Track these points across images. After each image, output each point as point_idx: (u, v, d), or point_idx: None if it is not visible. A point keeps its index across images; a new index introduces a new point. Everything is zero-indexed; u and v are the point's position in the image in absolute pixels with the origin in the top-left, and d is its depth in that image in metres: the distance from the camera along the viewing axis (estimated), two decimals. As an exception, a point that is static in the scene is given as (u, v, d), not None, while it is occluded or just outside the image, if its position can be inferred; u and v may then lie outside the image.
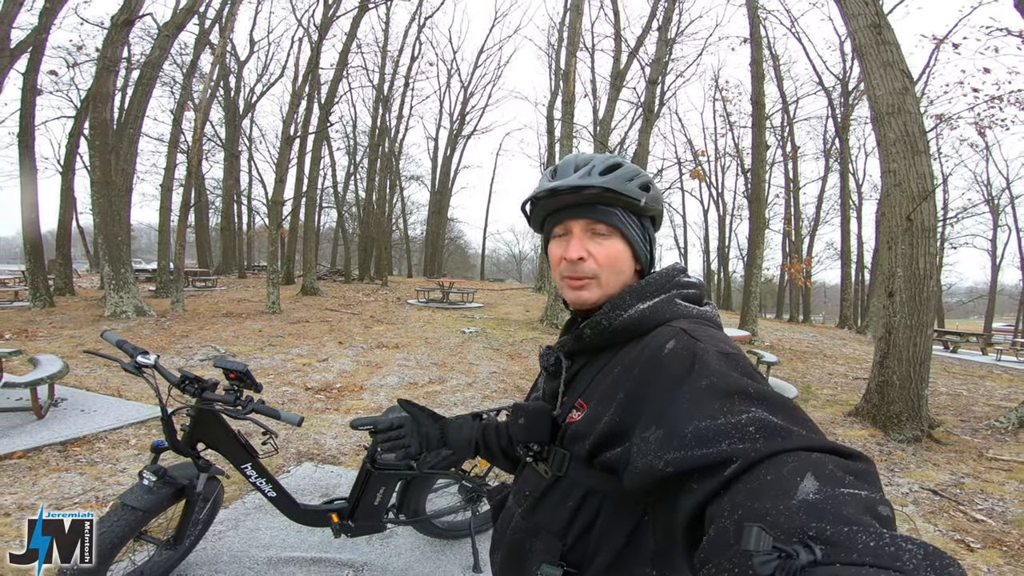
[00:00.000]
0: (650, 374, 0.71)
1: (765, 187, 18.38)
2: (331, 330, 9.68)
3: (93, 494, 3.03)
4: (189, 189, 13.60)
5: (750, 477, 0.51)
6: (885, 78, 5.33)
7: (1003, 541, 3.11)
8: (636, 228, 0.86)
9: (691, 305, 0.82)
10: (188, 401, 1.98)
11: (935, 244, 5.22)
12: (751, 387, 0.61)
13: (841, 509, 0.42)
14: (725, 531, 0.46)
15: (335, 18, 14.65)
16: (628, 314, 0.80)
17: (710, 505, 0.52)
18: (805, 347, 12.42)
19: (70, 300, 12.42)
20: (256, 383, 1.95)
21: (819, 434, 0.56)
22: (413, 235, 36.56)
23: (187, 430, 1.97)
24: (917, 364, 5.07)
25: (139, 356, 1.92)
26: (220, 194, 25.46)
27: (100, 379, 5.50)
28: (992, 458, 4.58)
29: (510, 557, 0.87)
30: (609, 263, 0.84)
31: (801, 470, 0.47)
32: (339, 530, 2.27)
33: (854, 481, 0.46)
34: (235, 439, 2.07)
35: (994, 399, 7.38)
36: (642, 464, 0.62)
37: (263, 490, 2.13)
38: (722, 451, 0.54)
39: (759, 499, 0.46)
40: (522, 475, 0.95)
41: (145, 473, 1.89)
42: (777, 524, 0.42)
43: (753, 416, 0.56)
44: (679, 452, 0.58)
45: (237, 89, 23.64)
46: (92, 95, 10.42)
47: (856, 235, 24.26)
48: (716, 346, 0.69)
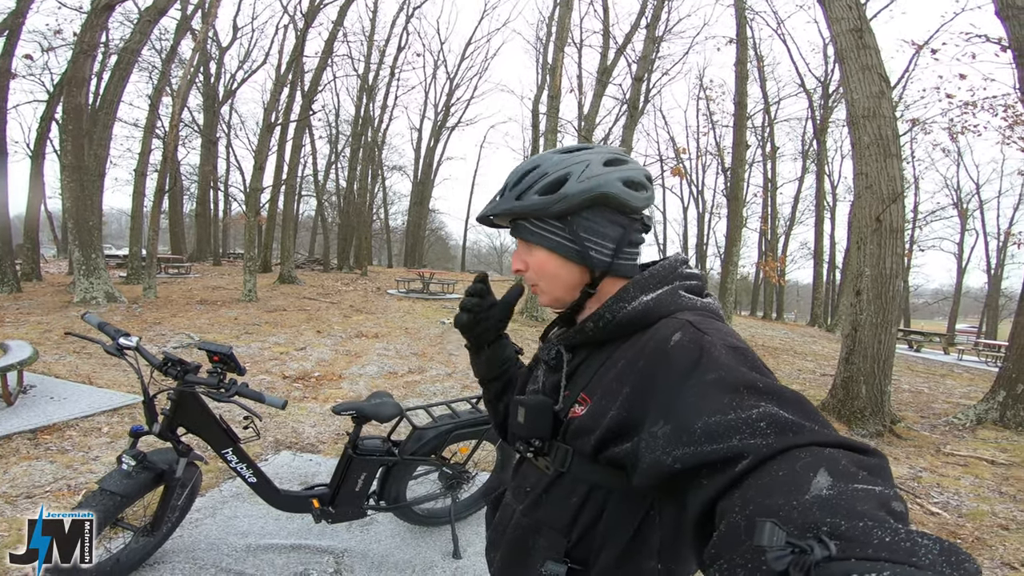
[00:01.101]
0: (656, 367, 0.69)
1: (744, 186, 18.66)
2: (309, 319, 9.59)
3: (64, 482, 2.98)
4: (164, 175, 13.22)
5: (762, 473, 0.50)
6: (863, 82, 5.48)
7: (957, 534, 3.25)
8: (555, 232, 0.82)
9: (695, 297, 0.81)
10: (171, 384, 1.96)
11: (903, 245, 5.41)
12: (760, 381, 0.60)
13: (855, 504, 0.41)
14: (736, 527, 0.46)
15: (322, 6, 14.39)
16: (632, 306, 0.78)
17: (721, 500, 0.52)
18: (777, 344, 12.73)
19: (37, 286, 12.05)
20: (240, 366, 1.95)
21: (830, 429, 0.55)
22: (394, 225, 36.30)
23: (168, 414, 1.95)
24: (881, 361, 5.26)
25: (121, 338, 1.90)
26: (196, 180, 24.86)
27: (70, 366, 5.38)
28: (949, 453, 4.77)
29: (512, 555, 0.86)
30: (539, 273, 0.85)
31: (814, 466, 0.47)
32: (320, 516, 2.28)
33: (867, 476, 0.46)
34: (217, 424, 2.06)
35: (954, 397, 7.68)
36: (650, 460, 0.61)
37: (244, 476, 2.13)
38: (733, 447, 0.54)
39: (771, 495, 0.46)
40: (520, 471, 0.92)
41: (124, 457, 1.88)
42: (790, 519, 0.42)
43: (764, 411, 0.55)
44: (688, 448, 0.57)
45: (218, 75, 23.10)
46: (67, 79, 10.10)
47: (829, 235, 24.89)
48: (723, 339, 0.68)
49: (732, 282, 13.00)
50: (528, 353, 1.08)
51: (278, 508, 2.25)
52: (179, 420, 1.98)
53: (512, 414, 0.90)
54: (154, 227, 11.74)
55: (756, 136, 23.39)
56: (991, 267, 25.59)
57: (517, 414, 0.87)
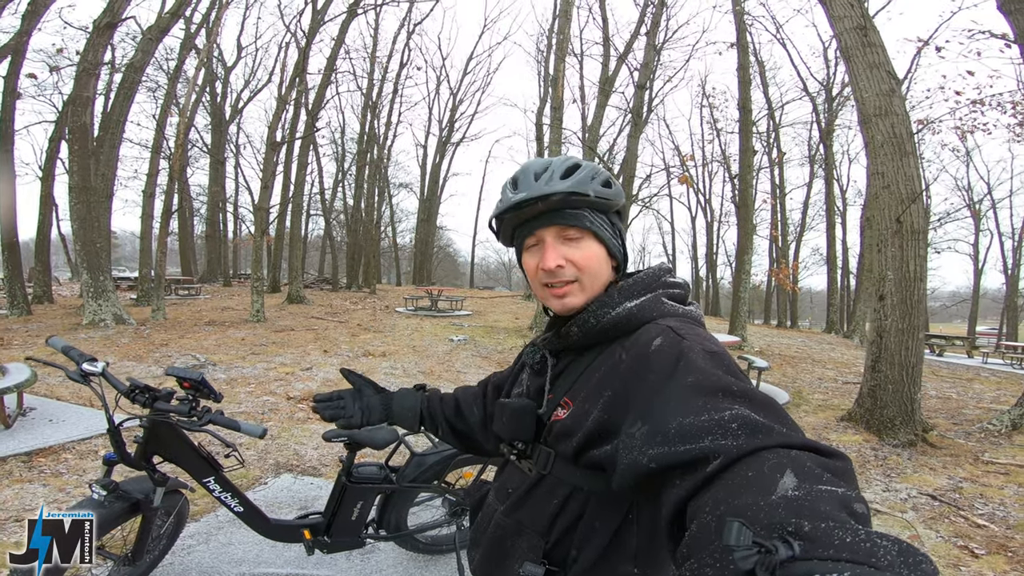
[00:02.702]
0: (637, 371, 0.71)
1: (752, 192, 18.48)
2: (316, 338, 9.50)
3: (56, 506, 2.87)
4: (171, 195, 13.36)
5: (731, 473, 0.51)
6: (872, 80, 5.34)
7: (1007, 547, 3.04)
8: (606, 226, 0.86)
9: (677, 304, 0.83)
10: (141, 412, 1.84)
11: (925, 246, 5.21)
12: (735, 385, 0.61)
13: (819, 505, 0.42)
14: (707, 526, 0.46)
15: (323, 23, 14.55)
16: (616, 312, 0.80)
17: (692, 500, 0.52)
18: (794, 352, 12.43)
19: (48, 308, 12.11)
20: (215, 393, 1.82)
21: (799, 432, 0.56)
22: (402, 243, 36.42)
23: (140, 442, 1.84)
24: (910, 367, 5.03)
25: (85, 363, 1.79)
26: (205, 201, 25.14)
27: (72, 388, 5.29)
28: (988, 462, 4.52)
29: (491, 555, 0.86)
30: (588, 266, 0.84)
31: (781, 467, 0.48)
32: (312, 547, 2.13)
33: (832, 478, 0.47)
34: (194, 451, 1.93)
35: (984, 401, 7.40)
36: (627, 460, 0.62)
37: (229, 505, 1.99)
38: (704, 447, 0.54)
39: (740, 495, 0.47)
40: (504, 472, 0.94)
41: (94, 487, 1.76)
42: (757, 519, 0.42)
43: (736, 413, 0.56)
44: (663, 448, 0.58)
45: (223, 94, 23.44)
46: (72, 99, 10.22)
47: (841, 240, 24.46)
48: (702, 344, 0.70)
49: (745, 290, 12.74)
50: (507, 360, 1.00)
51: (268, 538, 2.10)
52: (153, 448, 1.86)
53: (496, 416, 0.92)
54: (162, 248, 11.78)
55: (762, 142, 23.20)
56: (1007, 267, 25.05)
57: (501, 416, 0.89)
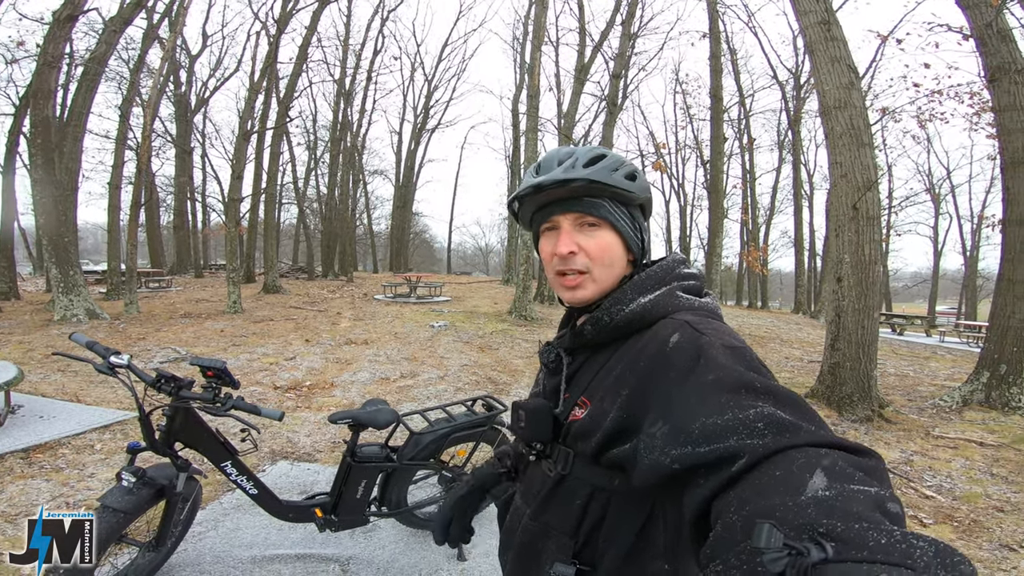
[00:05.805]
0: (655, 369, 0.70)
1: (723, 178, 18.96)
2: (297, 328, 9.52)
3: (63, 499, 2.95)
4: (139, 187, 12.98)
5: (758, 473, 0.50)
6: (833, 73, 5.62)
7: (953, 516, 3.28)
8: (626, 218, 0.84)
9: (692, 297, 0.81)
10: (164, 400, 1.96)
11: (879, 231, 5.55)
12: (758, 381, 0.60)
13: (851, 506, 0.41)
14: (732, 527, 0.46)
15: (295, 11, 14.25)
16: (629, 308, 0.79)
17: (717, 500, 0.52)
18: (763, 332, 12.93)
19: (16, 305, 11.76)
20: (234, 380, 1.96)
21: (827, 429, 0.55)
22: (378, 230, 36.05)
23: (164, 430, 1.96)
24: (866, 346, 5.39)
25: (112, 356, 1.90)
26: (172, 191, 24.45)
27: (56, 385, 5.29)
28: (939, 436, 4.85)
29: (522, 558, 0.86)
30: (600, 255, 0.82)
31: (810, 466, 0.47)
32: (323, 524, 2.29)
33: (864, 478, 0.46)
34: (214, 437, 2.07)
35: (938, 379, 7.87)
36: (649, 460, 0.62)
37: (244, 488, 2.14)
38: (729, 447, 0.54)
39: (768, 496, 0.46)
40: (528, 474, 0.93)
41: (124, 474, 1.88)
42: (786, 521, 0.42)
43: (760, 411, 0.55)
44: (686, 448, 0.57)
45: (189, 84, 22.70)
46: (33, 92, 9.89)
47: (808, 223, 25.33)
48: (721, 339, 0.68)
49: (717, 273, 13.20)
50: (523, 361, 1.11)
51: (281, 519, 2.25)
52: (176, 435, 1.98)
53: (512, 418, 0.91)
54: (132, 241, 11.55)
55: (733, 128, 23.74)
56: (966, 249, 26.22)
57: (518, 418, 0.88)
